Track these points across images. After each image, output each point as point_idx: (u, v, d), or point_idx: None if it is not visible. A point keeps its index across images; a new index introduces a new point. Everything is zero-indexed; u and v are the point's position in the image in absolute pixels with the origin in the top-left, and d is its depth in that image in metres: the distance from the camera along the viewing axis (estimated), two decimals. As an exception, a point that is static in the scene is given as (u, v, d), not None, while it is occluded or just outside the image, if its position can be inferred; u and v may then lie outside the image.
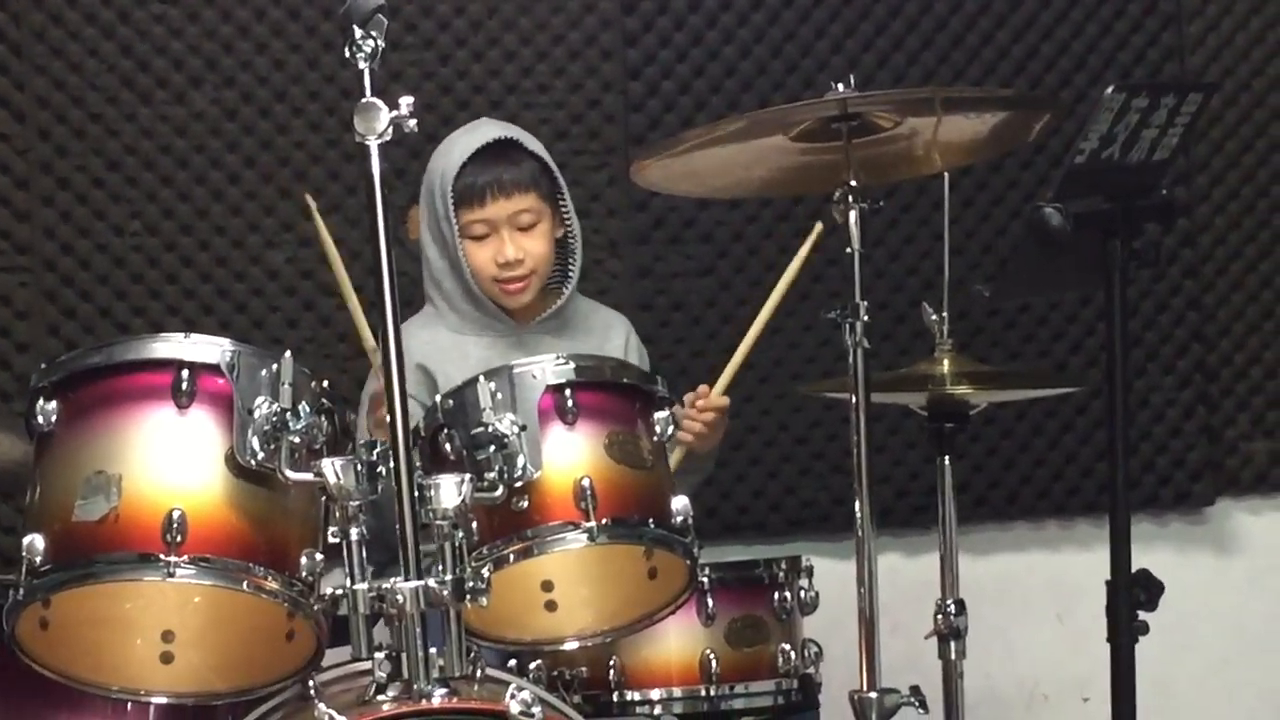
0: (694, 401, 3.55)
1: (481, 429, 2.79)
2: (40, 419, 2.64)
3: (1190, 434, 4.61)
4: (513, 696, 2.51)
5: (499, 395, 2.82)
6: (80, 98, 4.16)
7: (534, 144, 3.64)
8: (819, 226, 3.54)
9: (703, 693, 3.20)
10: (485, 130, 3.63)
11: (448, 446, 2.84)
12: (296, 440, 2.64)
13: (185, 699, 2.76)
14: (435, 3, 4.30)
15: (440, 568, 2.57)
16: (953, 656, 3.52)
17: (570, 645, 3.01)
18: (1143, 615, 3.01)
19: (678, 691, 3.21)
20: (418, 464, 2.71)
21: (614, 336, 3.75)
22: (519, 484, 2.77)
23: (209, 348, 2.67)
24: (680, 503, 2.90)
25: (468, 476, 2.61)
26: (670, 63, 4.40)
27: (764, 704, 3.27)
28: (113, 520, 2.57)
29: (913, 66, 4.47)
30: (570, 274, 3.66)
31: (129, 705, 2.80)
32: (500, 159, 3.58)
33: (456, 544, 2.59)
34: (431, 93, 4.25)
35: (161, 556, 2.55)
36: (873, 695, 3.12)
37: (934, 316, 3.57)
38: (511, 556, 2.80)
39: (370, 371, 3.58)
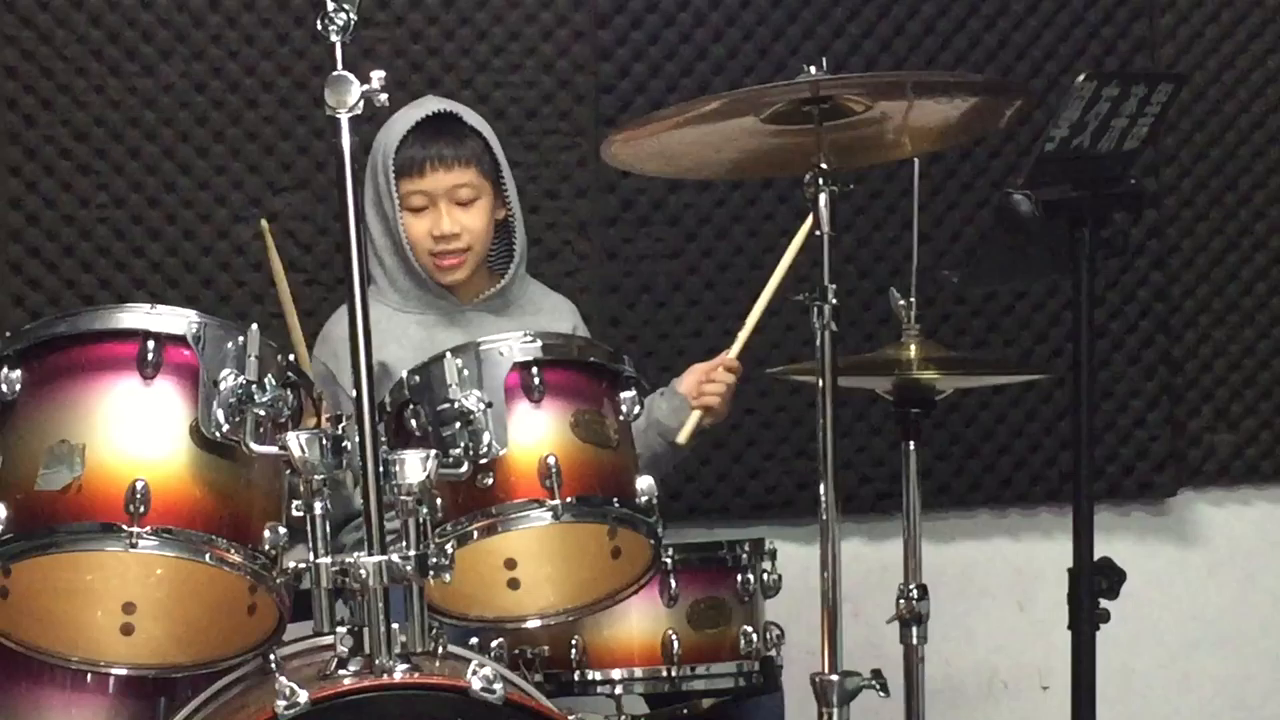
0: (714, 367, 3.62)
1: (447, 405, 2.78)
2: (4, 388, 2.61)
3: (1154, 425, 4.62)
4: (474, 673, 2.50)
5: (465, 372, 2.81)
6: (49, 68, 4.14)
7: (476, 120, 3.66)
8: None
9: (664, 673, 3.20)
10: (428, 104, 3.65)
11: (413, 422, 2.83)
12: (262, 413, 2.62)
13: (145, 671, 2.75)
14: (407, -21, 4.30)
15: (404, 543, 2.57)
16: (914, 641, 3.53)
17: (532, 623, 3.01)
18: (1104, 603, 3.02)
19: (639, 671, 3.20)
20: (383, 439, 2.70)
21: (559, 322, 3.74)
22: (484, 461, 2.76)
23: (175, 319, 2.65)
24: (645, 483, 2.90)
25: (433, 453, 2.60)
26: (641, 44, 4.39)
27: (725, 685, 3.27)
28: (75, 490, 2.55)
29: (885, 51, 4.48)
30: (513, 253, 3.66)
31: (89, 676, 2.77)
32: (442, 133, 3.60)
33: (420, 520, 2.58)
34: (402, 70, 4.24)
35: (124, 527, 2.53)
36: (834, 678, 3.11)
37: (901, 302, 3.57)
38: (475, 533, 2.80)
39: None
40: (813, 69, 3.12)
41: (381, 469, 2.57)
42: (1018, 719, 4.66)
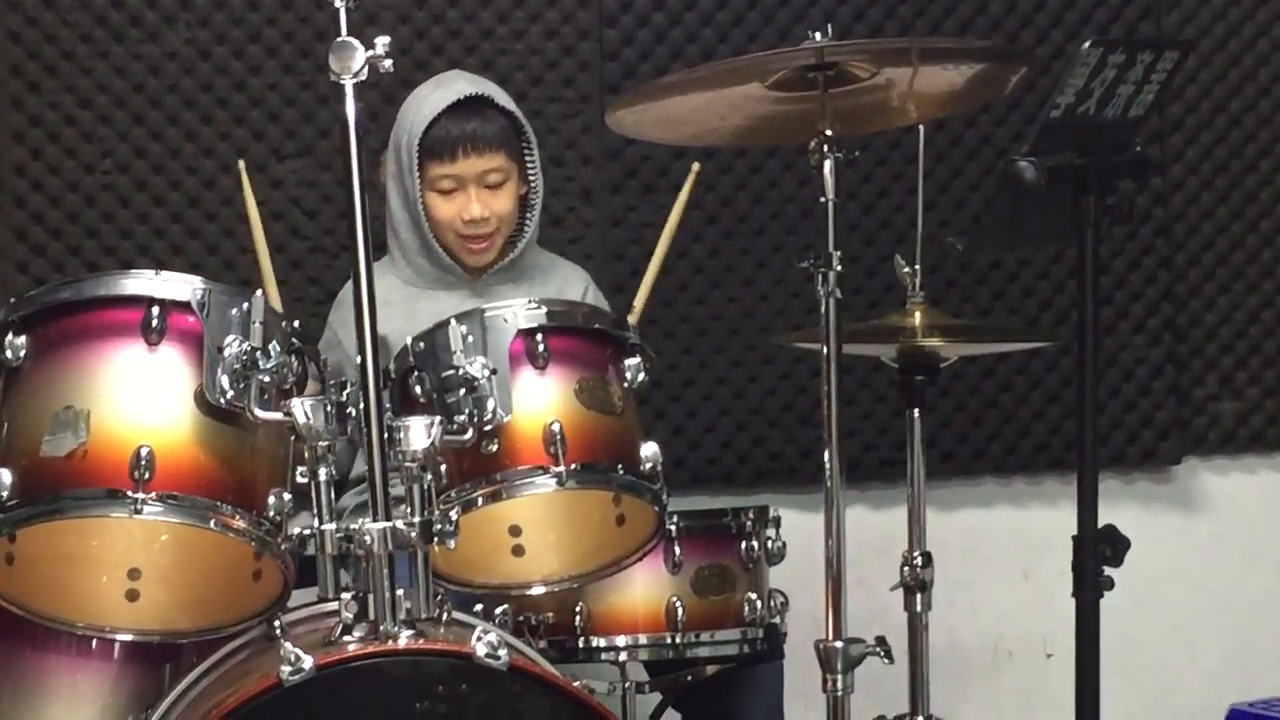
0: None
1: (452, 372, 2.78)
2: (9, 354, 2.62)
3: (1159, 393, 4.62)
4: (479, 639, 2.50)
5: (470, 338, 2.81)
6: (53, 34, 4.13)
7: (506, 100, 3.63)
8: (696, 166, 3.85)
9: (668, 640, 3.20)
10: (458, 85, 3.61)
11: (418, 389, 2.83)
12: (266, 379, 2.63)
13: (150, 636, 2.75)
14: (411, -54, 4.28)
15: (409, 510, 2.57)
16: (918, 609, 3.53)
17: (537, 590, 3.01)
18: (1108, 571, 3.02)
19: (643, 638, 3.20)
20: (388, 406, 2.70)
21: (571, 289, 3.74)
22: (489, 428, 2.76)
23: (180, 285, 2.65)
24: (650, 449, 2.90)
25: (437, 419, 2.60)
26: (646, 10, 4.38)
27: (729, 652, 3.28)
28: (80, 456, 2.55)
29: (890, 18, 4.46)
30: (526, 227, 3.65)
31: (94, 642, 2.78)
32: (474, 115, 3.57)
33: (425, 486, 2.59)
34: (406, 38, 4.23)
35: (129, 493, 2.54)
36: (838, 645, 3.11)
37: (906, 269, 3.57)
38: (480, 500, 2.80)
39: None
40: (817, 35, 3.11)
41: (386, 436, 2.57)
42: (1022, 686, 4.66)
